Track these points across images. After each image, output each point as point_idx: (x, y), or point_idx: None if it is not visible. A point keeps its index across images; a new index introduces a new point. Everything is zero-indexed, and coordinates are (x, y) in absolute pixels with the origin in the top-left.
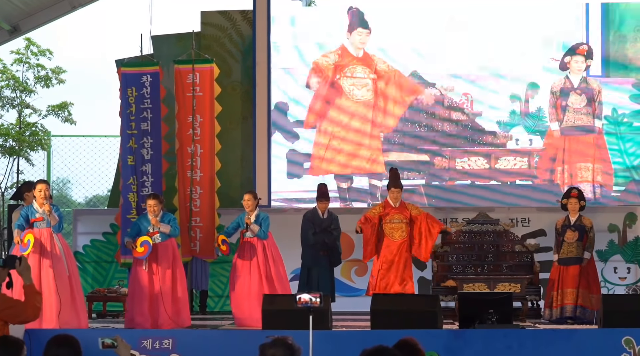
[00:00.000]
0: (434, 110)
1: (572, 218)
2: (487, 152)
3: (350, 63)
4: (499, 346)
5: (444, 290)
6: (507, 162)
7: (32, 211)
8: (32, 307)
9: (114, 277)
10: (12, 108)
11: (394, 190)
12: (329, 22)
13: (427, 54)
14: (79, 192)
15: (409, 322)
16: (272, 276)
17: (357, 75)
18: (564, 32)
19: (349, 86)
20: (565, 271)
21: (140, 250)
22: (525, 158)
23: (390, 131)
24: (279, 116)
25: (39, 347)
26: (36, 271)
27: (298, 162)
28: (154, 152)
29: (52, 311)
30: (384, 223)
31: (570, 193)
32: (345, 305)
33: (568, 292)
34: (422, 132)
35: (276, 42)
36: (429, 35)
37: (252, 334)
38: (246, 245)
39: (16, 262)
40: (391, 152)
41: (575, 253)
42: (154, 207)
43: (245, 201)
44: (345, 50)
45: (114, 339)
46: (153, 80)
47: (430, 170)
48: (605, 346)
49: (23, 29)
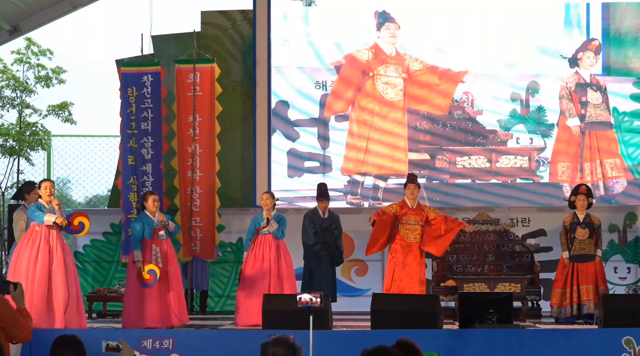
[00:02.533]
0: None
1: (581, 216)
2: (488, 150)
3: (384, 61)
4: (499, 346)
5: (444, 289)
6: (508, 161)
7: (41, 207)
8: (27, 330)
9: (114, 277)
10: (13, 108)
11: (411, 185)
12: (351, 21)
13: (428, 53)
14: (79, 192)
15: (409, 322)
16: (283, 275)
17: (390, 74)
18: (562, 31)
19: (382, 85)
20: (580, 268)
21: (147, 276)
22: (525, 157)
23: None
24: (281, 113)
25: (41, 347)
26: (46, 265)
27: (299, 161)
28: (155, 152)
29: (60, 304)
30: (400, 223)
31: (578, 190)
32: (346, 305)
33: (584, 289)
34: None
35: (288, 40)
36: (428, 34)
37: (252, 334)
38: (262, 241)
39: (10, 286)
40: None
41: (587, 251)
42: (157, 202)
43: (264, 200)
44: (378, 48)
45: (118, 342)
46: (154, 80)
47: (431, 167)
48: (605, 346)
49: (23, 29)
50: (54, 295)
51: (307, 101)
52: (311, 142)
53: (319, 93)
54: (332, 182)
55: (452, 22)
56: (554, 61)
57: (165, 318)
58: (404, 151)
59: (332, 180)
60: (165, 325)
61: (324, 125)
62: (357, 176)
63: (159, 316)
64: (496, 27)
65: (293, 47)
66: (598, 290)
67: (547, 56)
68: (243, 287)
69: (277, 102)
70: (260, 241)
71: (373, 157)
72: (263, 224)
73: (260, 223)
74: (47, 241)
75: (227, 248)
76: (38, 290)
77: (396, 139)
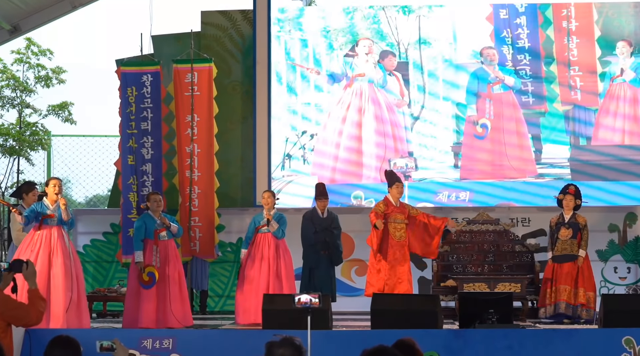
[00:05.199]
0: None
1: (567, 216)
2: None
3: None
4: (499, 346)
5: (444, 289)
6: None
7: (43, 208)
8: (36, 311)
9: (114, 277)
10: (13, 108)
11: (399, 184)
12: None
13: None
14: (79, 192)
15: (409, 322)
16: (282, 275)
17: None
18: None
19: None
20: (559, 269)
21: (146, 279)
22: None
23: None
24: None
25: (39, 347)
26: (45, 269)
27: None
28: (155, 152)
29: (59, 309)
30: (388, 222)
31: (567, 190)
32: (345, 304)
33: (561, 289)
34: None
35: (287, 40)
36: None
37: (252, 334)
38: (261, 240)
39: (23, 265)
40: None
41: (569, 251)
42: (159, 202)
43: (265, 199)
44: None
45: (112, 342)
46: (154, 80)
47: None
48: (605, 346)
49: (23, 29)
50: (52, 299)
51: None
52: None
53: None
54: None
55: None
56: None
57: (162, 320)
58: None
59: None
60: (160, 326)
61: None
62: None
63: (154, 317)
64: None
65: (292, 46)
66: (577, 291)
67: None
68: (242, 286)
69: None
70: (260, 240)
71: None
72: (263, 223)
73: (260, 222)
74: (48, 245)
75: (227, 248)
76: None
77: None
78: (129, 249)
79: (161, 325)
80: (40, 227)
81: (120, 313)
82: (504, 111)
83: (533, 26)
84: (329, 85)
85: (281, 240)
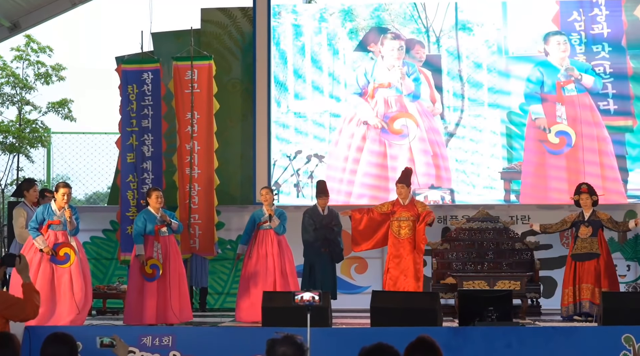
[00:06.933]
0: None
1: (586, 214)
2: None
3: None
4: (499, 344)
5: (443, 287)
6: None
7: (49, 212)
8: (32, 305)
9: (113, 274)
10: (12, 105)
11: (398, 185)
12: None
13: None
14: (78, 189)
15: (409, 319)
16: (287, 272)
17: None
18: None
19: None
20: (580, 267)
21: (149, 271)
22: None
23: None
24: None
25: (39, 344)
26: (48, 274)
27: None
28: (155, 150)
29: (68, 315)
30: (392, 220)
31: (580, 189)
32: (345, 302)
33: (584, 288)
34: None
35: (287, 37)
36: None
37: (252, 331)
38: (264, 237)
39: (16, 259)
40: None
41: (589, 249)
42: (160, 199)
43: (264, 195)
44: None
45: (112, 338)
46: (154, 77)
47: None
48: (604, 344)
49: (23, 26)
50: (60, 305)
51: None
52: (312, 140)
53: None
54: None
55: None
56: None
57: (161, 316)
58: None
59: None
60: (160, 322)
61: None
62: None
63: (155, 312)
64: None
65: (291, 44)
66: (599, 290)
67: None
68: (247, 283)
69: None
70: (262, 237)
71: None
72: (264, 219)
73: (262, 218)
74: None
75: (226, 245)
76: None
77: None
78: (126, 247)
79: (161, 321)
80: (46, 229)
81: (120, 311)
82: (581, 120)
83: (614, 4)
84: (346, 93)
85: (282, 236)
